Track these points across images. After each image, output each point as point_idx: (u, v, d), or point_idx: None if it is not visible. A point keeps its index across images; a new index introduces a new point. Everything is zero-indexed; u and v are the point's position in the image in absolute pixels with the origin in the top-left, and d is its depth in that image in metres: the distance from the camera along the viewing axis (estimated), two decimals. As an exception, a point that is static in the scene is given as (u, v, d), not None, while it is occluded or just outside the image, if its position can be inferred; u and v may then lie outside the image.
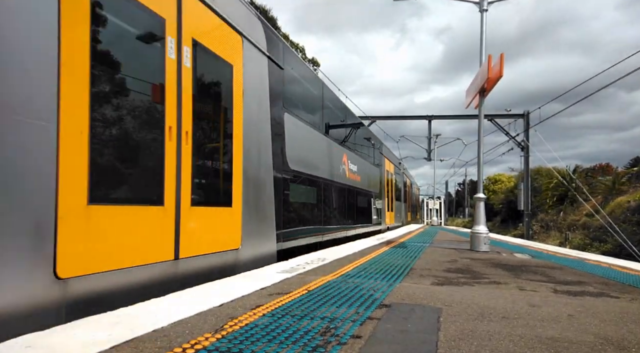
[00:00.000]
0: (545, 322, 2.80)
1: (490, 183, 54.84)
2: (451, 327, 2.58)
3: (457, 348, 2.18)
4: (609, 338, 2.45)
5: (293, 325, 2.51)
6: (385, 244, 9.32)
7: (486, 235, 8.34)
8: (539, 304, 3.36)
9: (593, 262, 7.00)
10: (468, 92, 9.56)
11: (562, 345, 2.28)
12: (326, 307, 3.02)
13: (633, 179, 27.58)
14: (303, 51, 27.88)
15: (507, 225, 39.11)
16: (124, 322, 2.47)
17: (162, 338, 2.21)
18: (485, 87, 8.35)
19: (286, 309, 2.91)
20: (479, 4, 9.25)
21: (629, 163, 35.11)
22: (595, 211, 20.95)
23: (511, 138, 24.06)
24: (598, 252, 19.61)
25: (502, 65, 7.50)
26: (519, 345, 2.27)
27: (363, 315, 2.81)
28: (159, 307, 2.89)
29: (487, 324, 2.69)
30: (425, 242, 10.73)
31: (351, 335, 2.34)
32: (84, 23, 3.06)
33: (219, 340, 2.19)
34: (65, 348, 2.01)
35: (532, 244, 12.61)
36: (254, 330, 2.38)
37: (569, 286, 4.35)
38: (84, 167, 3.02)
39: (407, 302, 3.29)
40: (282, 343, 2.15)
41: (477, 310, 3.09)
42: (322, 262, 5.58)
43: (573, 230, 26.97)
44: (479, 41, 9.01)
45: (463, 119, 26.35)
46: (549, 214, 32.20)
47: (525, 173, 24.39)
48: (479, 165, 8.99)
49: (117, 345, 2.06)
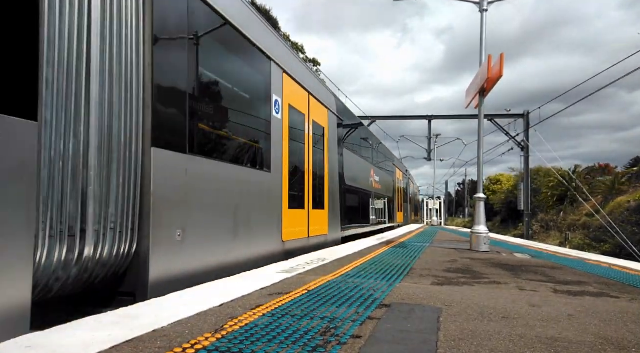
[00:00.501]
0: (545, 322, 2.80)
1: (490, 184, 54.85)
2: (451, 327, 2.58)
3: (457, 348, 2.18)
4: (609, 338, 2.45)
5: (293, 325, 2.51)
6: (385, 244, 9.33)
7: (486, 235, 8.34)
8: (539, 304, 3.36)
9: (593, 262, 7.00)
10: (468, 92, 9.56)
11: (562, 345, 2.28)
12: (326, 307, 3.02)
13: (633, 179, 27.59)
14: (302, 50, 27.88)
15: (507, 225, 39.15)
16: (124, 322, 2.47)
17: (162, 338, 2.21)
18: (485, 87, 8.35)
19: (286, 309, 2.91)
20: (479, 4, 9.26)
21: (628, 163, 35.13)
22: (596, 211, 20.96)
23: (511, 138, 24.08)
24: (598, 252, 19.62)
25: (502, 65, 7.50)
26: (519, 345, 2.27)
27: (363, 315, 2.81)
28: (159, 306, 2.89)
29: (487, 324, 2.69)
30: (425, 242, 10.73)
31: (351, 335, 2.34)
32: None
33: (219, 340, 2.19)
34: (65, 348, 2.01)
35: (532, 244, 12.60)
36: (254, 330, 2.39)
37: (569, 286, 4.35)
38: (286, 190, 6.64)
39: (407, 302, 3.29)
40: (282, 343, 2.15)
41: (477, 310, 3.09)
42: (322, 262, 5.58)
43: (573, 230, 26.97)
44: (481, 41, 9.00)
45: (463, 119, 26.38)
46: (549, 214, 32.23)
47: (525, 173, 24.40)
48: (479, 165, 9.00)
49: (117, 345, 2.06)
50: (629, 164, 34.83)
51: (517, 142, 24.12)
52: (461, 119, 27.32)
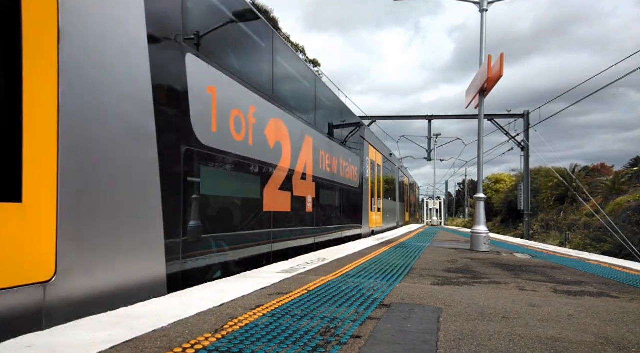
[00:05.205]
0: (545, 322, 2.80)
1: (490, 184, 54.81)
2: (451, 327, 2.58)
3: (457, 348, 2.18)
4: (609, 338, 2.45)
5: (293, 325, 2.51)
6: (385, 244, 9.32)
7: (486, 235, 8.34)
8: (539, 304, 3.36)
9: (593, 262, 7.00)
10: (468, 92, 9.56)
11: (562, 345, 2.28)
12: (326, 307, 3.02)
13: (633, 179, 27.57)
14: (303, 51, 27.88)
15: (507, 225, 39.10)
16: (124, 322, 2.47)
17: (162, 338, 2.21)
18: (486, 87, 8.35)
19: (286, 309, 2.91)
20: (479, 4, 9.26)
21: (629, 163, 35.07)
22: (596, 211, 20.94)
23: (511, 138, 24.05)
24: (598, 252, 19.61)
25: (502, 65, 7.50)
26: (519, 345, 2.27)
27: (363, 315, 2.81)
28: (159, 306, 2.89)
29: (487, 324, 2.69)
30: (425, 242, 10.73)
31: (351, 335, 2.34)
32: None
33: (219, 340, 2.19)
34: (65, 348, 2.01)
35: (532, 244, 12.60)
36: (254, 330, 2.38)
37: (569, 286, 4.35)
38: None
39: (407, 302, 3.29)
40: (282, 343, 2.15)
41: (477, 310, 3.09)
42: (322, 262, 5.58)
43: (573, 230, 26.96)
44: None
45: (463, 118, 26.35)
46: (549, 214, 32.20)
47: (525, 173, 24.37)
48: (479, 165, 8.99)
49: (117, 345, 2.06)
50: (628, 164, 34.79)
51: (517, 142, 24.10)
52: (462, 119, 27.30)
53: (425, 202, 47.00)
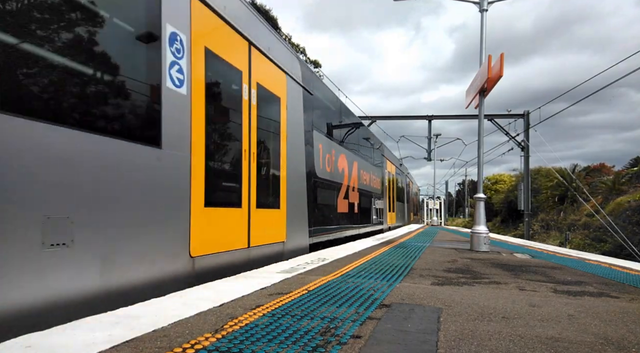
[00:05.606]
0: (545, 322, 2.80)
1: (490, 184, 54.83)
2: (451, 327, 2.58)
3: (457, 348, 2.18)
4: (609, 338, 2.45)
5: (293, 325, 2.51)
6: (385, 244, 9.33)
7: (486, 235, 8.34)
8: (539, 304, 3.36)
9: (593, 262, 7.00)
10: (468, 93, 9.56)
11: (562, 345, 2.28)
12: (326, 307, 3.02)
13: (633, 179, 27.57)
14: (304, 52, 27.88)
15: (507, 225, 39.10)
16: (124, 322, 2.47)
17: (162, 338, 2.21)
18: (486, 87, 8.35)
19: (286, 309, 2.91)
20: (479, 4, 9.26)
21: (629, 163, 35.06)
22: (596, 211, 20.95)
23: (511, 138, 24.05)
24: (598, 252, 19.62)
25: (502, 65, 7.50)
26: (519, 345, 2.27)
27: (363, 315, 2.81)
28: (159, 306, 2.89)
29: (487, 324, 2.69)
30: (425, 242, 10.73)
31: (351, 335, 2.34)
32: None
33: (219, 340, 2.19)
34: (65, 348, 2.01)
35: (532, 244, 12.60)
36: (254, 330, 2.39)
37: (569, 286, 4.35)
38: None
39: (407, 302, 3.29)
40: (282, 343, 2.15)
41: (477, 310, 3.09)
42: (322, 262, 5.58)
43: (573, 230, 26.96)
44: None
45: (463, 118, 26.35)
46: (549, 214, 32.21)
47: (525, 173, 24.38)
48: (479, 165, 8.99)
49: (117, 345, 2.06)
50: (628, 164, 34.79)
51: (517, 142, 24.11)
52: (462, 119, 27.30)
53: (425, 202, 47.02)
